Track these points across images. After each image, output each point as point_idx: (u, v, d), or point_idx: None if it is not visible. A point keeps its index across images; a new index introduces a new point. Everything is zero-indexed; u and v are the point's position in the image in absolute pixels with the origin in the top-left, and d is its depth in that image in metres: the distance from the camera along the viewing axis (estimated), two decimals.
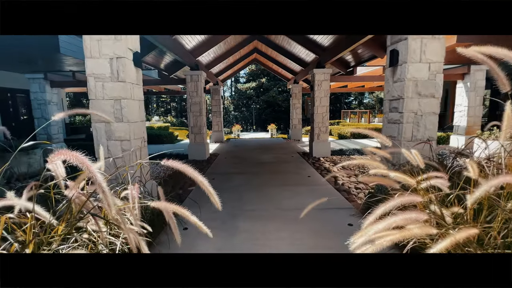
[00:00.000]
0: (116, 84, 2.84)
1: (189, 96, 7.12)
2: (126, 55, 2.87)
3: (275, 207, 3.41)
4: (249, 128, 29.13)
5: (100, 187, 1.03)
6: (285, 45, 8.73)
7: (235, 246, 2.41)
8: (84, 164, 1.00)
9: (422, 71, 2.94)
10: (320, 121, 7.38)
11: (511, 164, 1.52)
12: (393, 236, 1.02)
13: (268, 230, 2.73)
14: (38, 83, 7.08)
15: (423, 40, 2.88)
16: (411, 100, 2.98)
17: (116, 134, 2.88)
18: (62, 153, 1.02)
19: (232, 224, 2.88)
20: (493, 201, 1.43)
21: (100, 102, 2.84)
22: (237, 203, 3.57)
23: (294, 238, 2.54)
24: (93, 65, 2.80)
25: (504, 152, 1.59)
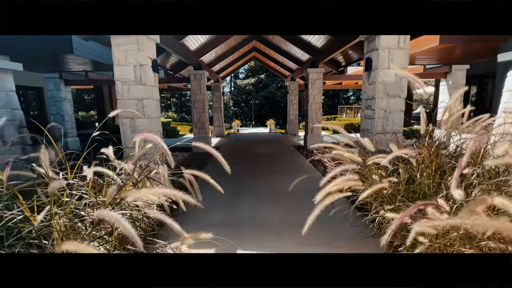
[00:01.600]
0: (139, 86, 3.47)
1: (193, 93, 7.74)
2: (146, 62, 3.50)
3: (269, 189, 4.07)
4: (249, 123, 29.72)
5: (166, 151, 1.69)
6: (282, 45, 9.31)
7: (237, 215, 3.08)
8: (156, 141, 1.66)
9: (390, 76, 3.57)
10: (313, 116, 8.01)
11: (423, 145, 2.17)
12: (337, 186, 1.67)
13: (263, 205, 3.41)
14: (54, 82, 7.68)
15: (390, 50, 3.51)
16: (381, 99, 3.62)
17: (139, 128, 3.53)
18: (143, 134, 1.69)
19: (234, 201, 3.54)
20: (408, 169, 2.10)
21: (126, 102, 3.48)
22: (237, 186, 4.23)
23: (283, 209, 3.21)
24: (120, 72, 3.43)
25: (428, 138, 2.24)
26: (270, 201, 3.54)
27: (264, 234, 2.65)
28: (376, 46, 3.55)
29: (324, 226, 2.30)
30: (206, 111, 7.90)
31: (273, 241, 2.52)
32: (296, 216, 2.98)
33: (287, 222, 2.90)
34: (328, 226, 2.53)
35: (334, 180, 1.69)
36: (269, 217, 3.05)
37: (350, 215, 2.48)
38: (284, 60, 11.13)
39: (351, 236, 2.44)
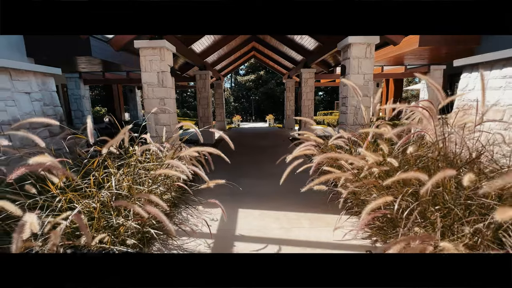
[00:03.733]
0: (161, 88, 4.42)
1: (198, 91, 8.67)
2: (166, 69, 4.43)
3: (266, 173, 5.05)
4: (249, 118, 30.62)
5: (197, 132, 2.64)
6: (278, 47, 10.19)
7: (240, 189, 4.06)
8: (192, 127, 2.60)
9: (359, 80, 4.50)
10: (306, 111, 8.95)
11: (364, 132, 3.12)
12: (299, 152, 2.63)
13: (261, 183, 4.38)
14: (74, 81, 8.61)
15: (359, 59, 4.43)
16: (352, 98, 4.56)
17: (161, 121, 4.48)
18: (182, 123, 2.64)
19: (237, 180, 4.52)
20: None
21: (151, 101, 4.43)
22: (239, 171, 5.21)
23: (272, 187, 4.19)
24: (147, 77, 4.37)
25: None
26: (263, 179, 4.52)
27: (261, 194, 3.63)
28: (349, 55, 4.47)
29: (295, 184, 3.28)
30: (210, 107, 8.85)
31: (265, 198, 3.51)
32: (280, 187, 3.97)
33: (272, 190, 3.89)
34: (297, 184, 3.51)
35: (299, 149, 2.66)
36: (261, 188, 4.03)
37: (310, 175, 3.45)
38: (281, 60, 12.01)
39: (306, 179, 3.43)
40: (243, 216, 3.19)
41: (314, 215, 3.12)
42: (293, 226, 2.90)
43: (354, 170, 2.26)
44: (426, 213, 1.80)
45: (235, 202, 3.58)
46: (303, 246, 2.51)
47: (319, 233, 2.70)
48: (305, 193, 2.51)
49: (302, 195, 2.71)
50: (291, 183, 2.76)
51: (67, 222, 1.38)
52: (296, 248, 2.47)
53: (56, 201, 1.74)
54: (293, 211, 3.26)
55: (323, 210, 3.17)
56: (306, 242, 2.56)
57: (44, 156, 1.34)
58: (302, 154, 2.63)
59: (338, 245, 2.44)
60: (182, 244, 2.50)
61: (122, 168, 2.45)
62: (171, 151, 2.88)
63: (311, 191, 2.46)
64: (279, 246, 2.53)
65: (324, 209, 3.17)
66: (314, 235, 2.68)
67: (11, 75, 4.28)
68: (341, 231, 2.61)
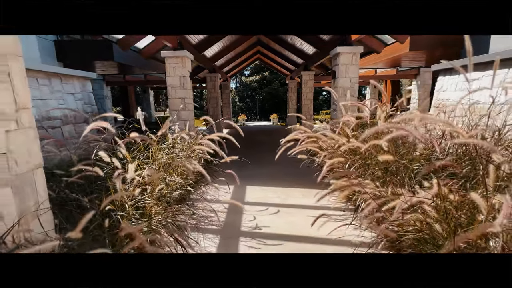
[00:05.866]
0: (182, 90, 5.37)
1: (209, 92, 9.62)
2: (186, 74, 5.39)
3: (266, 160, 5.97)
4: (254, 117, 31.56)
5: (213, 124, 3.56)
6: (281, 51, 11.09)
7: (246, 172, 4.99)
8: (210, 120, 3.53)
9: (347, 83, 5.39)
10: (306, 110, 9.84)
11: None
12: (290, 137, 3.53)
13: (264, 168, 5.31)
14: (98, 83, 9.64)
15: (347, 65, 5.31)
16: (341, 98, 5.44)
17: (182, 117, 5.44)
18: (205, 118, 3.57)
19: (244, 167, 5.45)
20: None
21: (174, 100, 5.39)
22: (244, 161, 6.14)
23: (274, 171, 5.11)
24: (171, 80, 5.33)
25: None
26: (265, 165, 5.44)
27: (263, 176, 4.56)
28: (338, 62, 5.36)
29: (289, 169, 4.20)
30: (219, 106, 9.80)
31: (268, 178, 4.43)
32: (278, 171, 4.89)
33: (274, 173, 4.80)
34: (291, 170, 4.42)
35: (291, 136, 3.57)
36: (263, 171, 4.95)
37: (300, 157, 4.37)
38: (284, 62, 12.90)
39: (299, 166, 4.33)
40: (249, 191, 4.12)
41: (303, 189, 4.03)
42: (288, 196, 3.82)
43: (329, 148, 3.17)
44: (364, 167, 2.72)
45: (242, 182, 4.47)
46: (295, 208, 3.42)
47: (306, 200, 3.61)
48: (297, 175, 3.41)
49: (296, 177, 3.63)
50: (286, 168, 3.65)
51: (144, 173, 2.30)
52: (291, 209, 3.38)
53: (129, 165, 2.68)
54: (288, 187, 4.17)
55: (311, 187, 4.06)
56: (296, 205, 3.48)
57: (134, 133, 2.29)
58: (292, 139, 3.54)
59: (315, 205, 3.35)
60: (205, 207, 3.42)
61: (163, 148, 3.39)
62: (199, 136, 3.81)
63: (302, 174, 3.36)
64: (277, 208, 3.44)
65: (311, 186, 4.07)
66: (302, 201, 3.60)
67: (62, 79, 5.28)
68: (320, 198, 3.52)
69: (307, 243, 2.51)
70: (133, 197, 2.14)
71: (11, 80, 1.52)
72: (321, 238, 2.53)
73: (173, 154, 3.27)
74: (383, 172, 2.43)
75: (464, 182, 1.70)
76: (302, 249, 2.40)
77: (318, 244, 2.47)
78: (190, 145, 3.58)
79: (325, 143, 3.36)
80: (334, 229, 2.36)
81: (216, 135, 3.27)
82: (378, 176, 2.44)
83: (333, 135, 3.20)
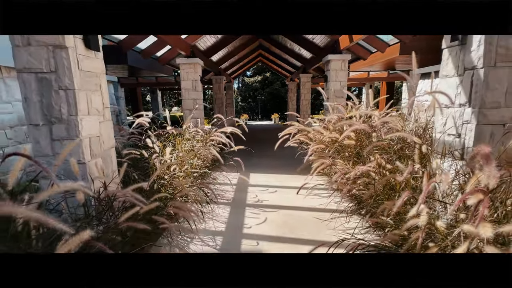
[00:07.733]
0: (194, 92, 6.20)
1: (214, 93, 10.45)
2: (198, 78, 6.22)
3: (267, 154, 6.80)
4: (255, 117, 32.38)
5: (224, 120, 4.39)
6: (281, 54, 11.90)
7: (250, 162, 5.81)
8: (220, 118, 4.35)
9: (337, 86, 6.19)
10: (304, 110, 10.64)
11: None
12: (285, 132, 4.35)
13: (264, 160, 6.13)
14: (114, 84, 10.50)
15: (337, 71, 6.12)
16: (331, 99, 6.25)
17: (194, 116, 6.27)
18: (217, 115, 4.40)
19: (248, 159, 6.27)
20: None
21: (187, 101, 6.22)
22: (247, 154, 6.98)
23: (273, 162, 5.92)
24: (184, 84, 6.16)
25: None
26: (265, 158, 6.26)
27: (264, 166, 5.39)
28: (329, 68, 6.17)
29: (287, 161, 5.00)
30: (224, 106, 10.63)
31: (268, 168, 5.25)
32: (277, 163, 5.71)
33: (273, 164, 5.62)
34: (288, 161, 5.23)
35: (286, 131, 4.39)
36: (264, 162, 5.78)
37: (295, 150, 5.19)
38: (284, 65, 13.71)
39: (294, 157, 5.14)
40: (253, 177, 4.94)
41: (298, 176, 4.84)
42: (286, 181, 4.64)
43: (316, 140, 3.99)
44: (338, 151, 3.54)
45: (246, 171, 5.31)
46: (290, 188, 4.24)
47: (299, 183, 4.43)
48: (294, 166, 4.20)
49: (293, 167, 4.41)
50: (284, 160, 4.44)
51: (178, 154, 3.12)
52: (286, 190, 4.19)
53: (166, 149, 3.52)
54: (286, 175, 4.99)
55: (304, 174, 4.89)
56: (291, 186, 4.30)
57: (169, 127, 3.13)
58: (288, 133, 4.36)
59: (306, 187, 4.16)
60: (217, 188, 4.24)
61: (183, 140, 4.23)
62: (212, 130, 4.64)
63: (298, 165, 4.16)
64: (275, 189, 4.26)
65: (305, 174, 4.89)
66: (296, 184, 4.42)
67: None
68: (308, 179, 4.34)
69: (295, 210, 3.33)
70: (169, 172, 2.97)
71: (101, 90, 2.36)
72: (306, 207, 3.36)
73: (193, 143, 4.11)
74: (350, 153, 3.25)
75: (398, 158, 2.50)
76: (291, 214, 3.21)
77: (304, 211, 3.29)
78: (204, 138, 4.41)
79: (314, 136, 4.18)
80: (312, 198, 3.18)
81: (228, 129, 4.07)
82: (346, 156, 3.26)
83: (319, 129, 4.01)
